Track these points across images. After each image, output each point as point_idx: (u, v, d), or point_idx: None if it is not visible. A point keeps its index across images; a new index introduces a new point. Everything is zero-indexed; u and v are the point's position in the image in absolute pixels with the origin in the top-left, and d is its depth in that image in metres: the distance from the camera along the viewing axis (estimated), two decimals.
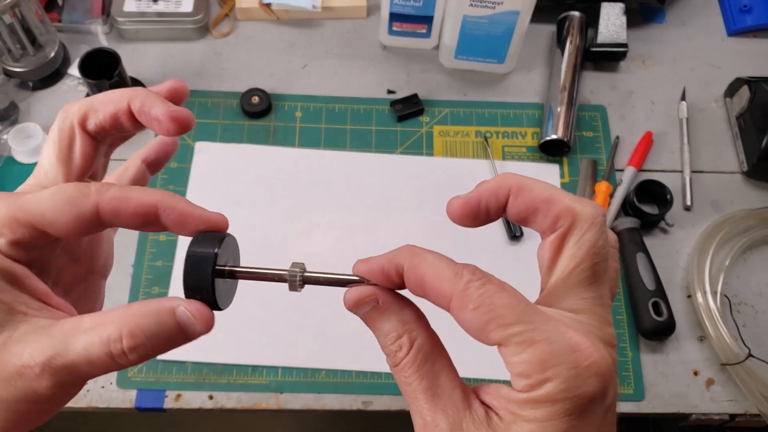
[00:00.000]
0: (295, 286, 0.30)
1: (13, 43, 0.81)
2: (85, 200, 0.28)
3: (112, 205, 0.28)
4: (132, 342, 0.26)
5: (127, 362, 0.27)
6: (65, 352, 0.26)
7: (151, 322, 0.27)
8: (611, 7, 0.88)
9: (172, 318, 0.27)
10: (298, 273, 0.30)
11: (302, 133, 0.84)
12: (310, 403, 0.69)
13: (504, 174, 0.30)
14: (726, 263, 0.75)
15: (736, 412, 0.70)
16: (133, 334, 0.26)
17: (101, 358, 0.26)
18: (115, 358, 0.26)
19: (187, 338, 0.28)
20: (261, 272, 0.30)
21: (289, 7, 0.90)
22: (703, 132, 0.86)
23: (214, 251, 0.28)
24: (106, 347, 0.26)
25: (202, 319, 0.28)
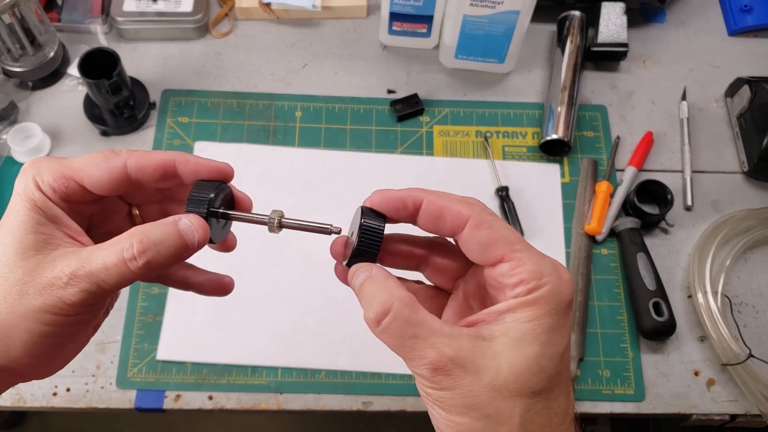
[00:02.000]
0: (273, 228, 0.36)
1: (13, 43, 0.80)
2: (116, 157, 0.35)
3: (138, 160, 0.35)
4: (140, 246, 0.32)
5: (137, 268, 0.32)
6: (88, 264, 0.32)
7: (158, 232, 0.33)
8: (611, 7, 0.88)
9: (174, 227, 0.33)
10: (276, 217, 0.36)
11: (302, 133, 0.84)
12: (309, 404, 0.69)
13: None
14: (727, 263, 0.75)
15: (737, 412, 0.70)
16: (141, 240, 0.32)
17: (116, 264, 0.32)
18: (127, 263, 0.32)
19: (187, 247, 0.34)
20: (246, 216, 0.37)
21: (289, 6, 0.89)
22: (703, 132, 0.86)
23: (210, 195, 0.35)
24: (120, 254, 0.32)
25: (200, 227, 0.34)
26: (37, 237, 0.33)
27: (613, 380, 0.71)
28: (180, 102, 0.85)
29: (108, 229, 0.39)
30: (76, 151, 0.81)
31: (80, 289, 0.32)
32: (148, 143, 0.82)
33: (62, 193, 0.34)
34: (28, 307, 0.32)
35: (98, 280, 0.32)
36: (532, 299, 0.31)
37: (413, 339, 0.31)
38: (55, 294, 0.32)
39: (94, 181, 0.35)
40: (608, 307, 0.75)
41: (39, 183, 0.34)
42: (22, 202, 0.34)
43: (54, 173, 0.34)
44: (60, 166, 0.34)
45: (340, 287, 0.38)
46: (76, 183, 0.34)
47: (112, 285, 0.33)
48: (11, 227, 0.33)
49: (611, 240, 0.78)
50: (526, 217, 0.78)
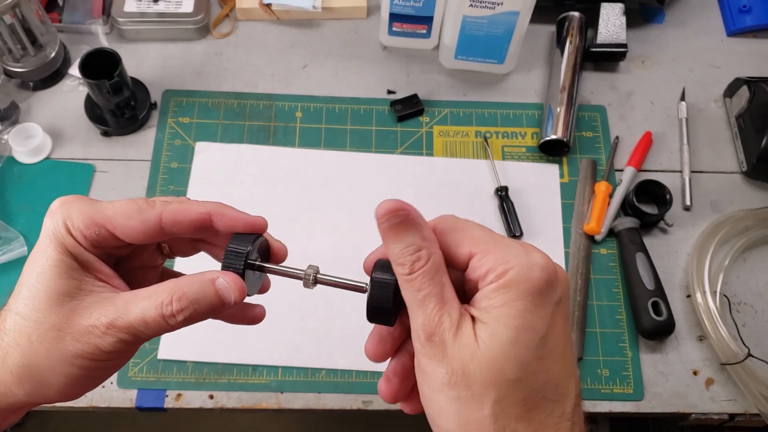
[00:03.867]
0: (308, 284, 0.36)
1: (14, 44, 0.81)
2: (151, 210, 0.35)
3: (174, 215, 0.35)
4: (179, 305, 0.33)
5: (175, 323, 0.33)
6: (126, 315, 0.33)
7: (196, 290, 0.34)
8: (611, 8, 0.88)
9: (212, 286, 0.34)
10: (312, 273, 0.36)
11: (302, 133, 0.84)
12: (310, 403, 0.69)
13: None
14: (725, 263, 0.76)
15: (736, 411, 0.70)
16: (180, 298, 0.33)
17: (155, 319, 0.33)
18: (166, 319, 0.33)
19: (223, 304, 0.34)
20: (281, 269, 0.37)
21: (290, 7, 0.90)
22: (702, 132, 0.86)
23: (247, 248, 0.35)
24: (159, 309, 0.33)
25: (236, 287, 0.34)
26: (70, 282, 0.33)
27: (612, 379, 0.71)
28: (181, 102, 0.85)
29: (137, 264, 0.39)
30: (77, 152, 0.81)
31: (118, 339, 0.33)
32: (149, 143, 0.82)
33: (93, 240, 0.34)
34: (65, 353, 0.33)
35: (137, 332, 0.33)
36: (503, 284, 0.31)
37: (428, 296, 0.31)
38: (93, 342, 0.33)
39: (127, 233, 0.35)
40: (607, 306, 0.75)
41: (70, 227, 0.34)
42: (52, 245, 0.34)
43: (85, 219, 0.34)
44: (91, 211, 0.34)
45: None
46: (107, 231, 0.35)
47: (150, 336, 0.34)
48: (42, 270, 0.33)
49: (610, 240, 0.78)
50: (525, 217, 0.78)
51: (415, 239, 0.32)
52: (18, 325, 0.33)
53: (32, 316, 0.33)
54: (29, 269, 0.34)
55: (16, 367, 0.33)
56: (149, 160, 0.81)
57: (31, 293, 0.33)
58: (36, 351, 0.33)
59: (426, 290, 0.31)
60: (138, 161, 0.81)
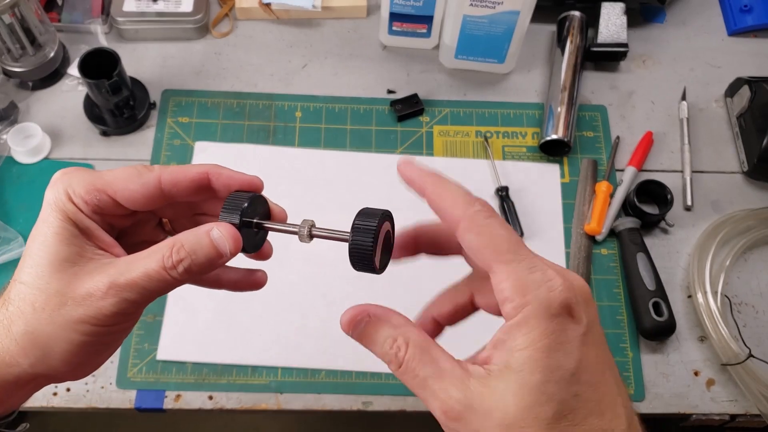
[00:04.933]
0: (303, 238, 0.37)
1: (13, 43, 0.80)
2: (149, 173, 0.35)
3: (172, 176, 0.35)
4: (178, 256, 0.33)
5: (177, 275, 0.33)
6: (128, 273, 0.33)
7: (192, 240, 0.34)
8: (611, 7, 0.88)
9: (207, 237, 0.34)
10: (306, 226, 0.37)
11: (302, 133, 0.84)
12: (310, 404, 0.69)
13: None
14: (726, 263, 0.75)
15: (737, 412, 0.70)
16: (179, 250, 0.33)
17: (157, 271, 0.33)
18: (167, 271, 0.33)
19: (220, 255, 0.34)
20: (277, 226, 0.38)
21: (289, 6, 0.89)
22: (703, 132, 0.86)
23: (244, 203, 0.35)
24: (160, 262, 0.33)
25: (231, 238, 0.34)
26: (72, 249, 0.33)
27: None
28: (180, 102, 0.85)
29: (138, 240, 0.39)
30: (76, 151, 0.81)
31: (120, 299, 0.33)
32: (148, 143, 0.82)
33: (94, 206, 0.35)
34: (68, 318, 0.32)
35: (139, 288, 0.33)
36: (522, 320, 0.29)
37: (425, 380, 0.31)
38: (95, 305, 0.33)
39: (127, 197, 0.35)
40: (608, 307, 0.75)
41: (71, 194, 0.34)
42: (54, 213, 0.34)
43: (86, 185, 0.34)
44: (91, 178, 0.35)
45: (341, 287, 0.38)
46: (108, 197, 0.35)
47: (153, 292, 0.33)
48: (44, 238, 0.34)
49: (611, 240, 0.78)
50: (526, 217, 0.78)
51: (386, 332, 0.32)
52: (22, 294, 0.33)
53: (35, 283, 0.33)
54: (32, 239, 0.34)
55: (20, 335, 0.33)
56: (148, 160, 0.81)
57: (34, 261, 0.33)
58: (39, 318, 0.33)
59: (421, 374, 0.31)
60: (137, 161, 0.81)
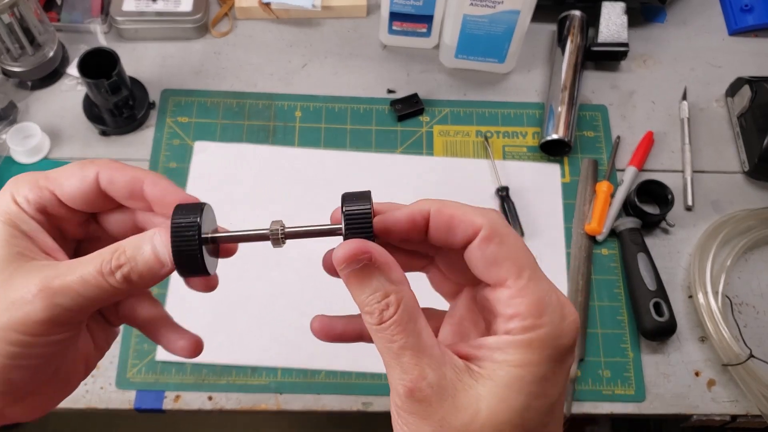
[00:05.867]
0: (278, 242, 0.32)
1: (12, 43, 0.80)
2: (90, 167, 0.33)
3: (110, 172, 0.33)
4: (117, 261, 0.31)
5: (115, 282, 0.31)
6: (63, 275, 0.30)
7: (134, 245, 0.31)
8: (612, 7, 0.88)
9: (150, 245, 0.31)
10: (279, 229, 0.32)
11: (302, 132, 0.84)
12: (309, 404, 0.69)
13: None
14: (727, 263, 0.75)
15: (738, 412, 0.70)
16: (118, 255, 0.31)
17: (94, 276, 0.30)
18: (105, 276, 0.30)
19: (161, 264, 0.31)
20: (243, 234, 0.32)
21: (289, 6, 0.89)
22: (704, 132, 0.86)
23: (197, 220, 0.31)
24: (98, 267, 0.30)
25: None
26: (10, 250, 0.31)
27: (614, 380, 0.71)
28: (179, 102, 0.85)
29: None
30: (76, 151, 0.81)
31: (50, 303, 0.30)
32: (148, 143, 0.82)
33: (37, 204, 0.33)
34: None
35: (74, 294, 0.30)
36: (526, 340, 0.28)
37: (402, 348, 0.28)
38: (22, 309, 0.29)
39: (67, 192, 0.33)
40: (609, 307, 0.75)
41: (14, 196, 0.33)
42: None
43: (29, 184, 0.33)
44: (36, 176, 0.34)
45: (340, 287, 0.38)
46: (50, 193, 0.33)
47: (89, 300, 0.30)
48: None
49: (612, 240, 0.78)
50: (526, 217, 0.78)
51: (381, 284, 0.29)
52: None
53: None
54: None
55: None
56: (148, 160, 0.81)
57: None
58: None
59: (399, 341, 0.28)
60: (136, 161, 0.81)
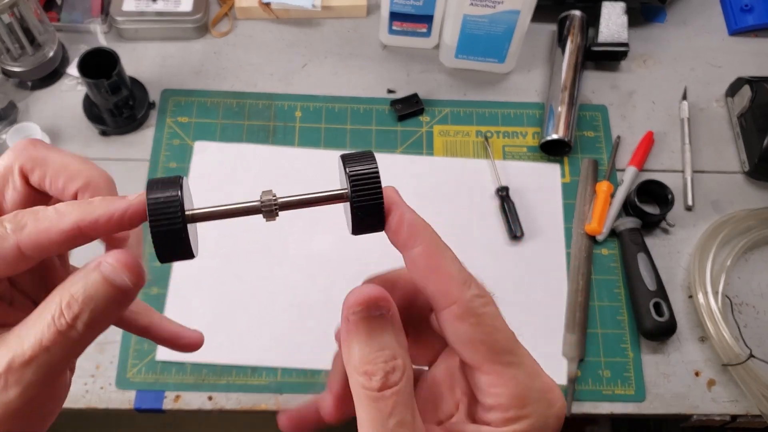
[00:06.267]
0: (272, 215, 0.28)
1: (12, 43, 0.80)
2: (4, 243, 0.26)
3: (33, 241, 0.26)
4: (71, 312, 0.26)
5: (78, 335, 0.26)
6: (22, 351, 0.25)
7: (81, 286, 0.26)
8: (612, 7, 0.88)
9: (98, 275, 0.26)
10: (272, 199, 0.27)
11: (302, 132, 0.84)
12: None
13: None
14: (727, 263, 0.75)
15: (738, 412, 0.70)
16: (69, 304, 0.26)
17: (54, 339, 0.25)
18: (65, 335, 0.26)
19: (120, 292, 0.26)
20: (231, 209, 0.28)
21: (289, 6, 0.89)
22: (704, 132, 0.86)
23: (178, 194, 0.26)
24: (52, 327, 0.25)
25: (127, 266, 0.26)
26: None
27: (614, 380, 0.71)
28: (179, 102, 0.85)
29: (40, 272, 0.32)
30: (76, 151, 0.80)
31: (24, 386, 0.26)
32: (148, 143, 0.82)
33: None
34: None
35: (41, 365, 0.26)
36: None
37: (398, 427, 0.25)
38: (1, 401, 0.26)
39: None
40: (609, 307, 0.75)
41: None
42: None
43: None
44: None
45: (341, 287, 0.37)
46: None
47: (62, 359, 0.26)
48: None
49: (612, 240, 0.78)
50: (526, 218, 0.78)
51: (391, 343, 0.25)
52: None
53: None
54: None
55: None
56: (148, 160, 0.81)
57: None
58: None
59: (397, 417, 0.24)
60: (136, 161, 0.81)
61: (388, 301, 0.26)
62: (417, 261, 0.27)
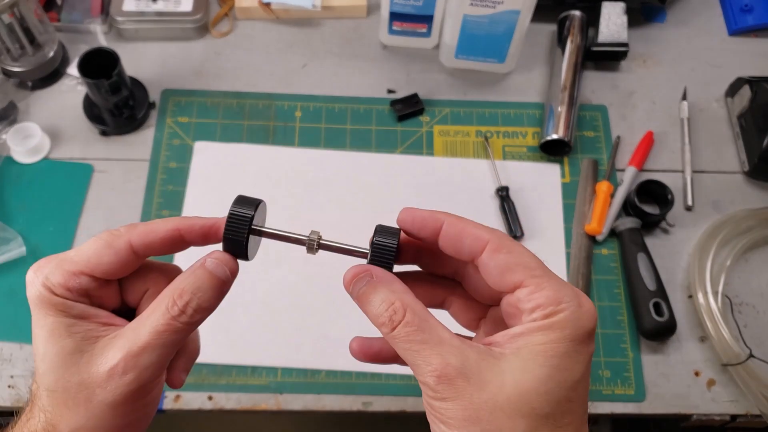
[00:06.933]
0: (312, 249, 0.36)
1: (12, 43, 0.80)
2: (118, 239, 0.34)
3: (141, 237, 0.35)
4: (182, 300, 0.33)
5: (188, 320, 0.33)
6: (138, 339, 0.32)
7: (190, 280, 0.34)
8: (612, 7, 0.88)
9: (204, 270, 0.34)
10: (316, 239, 0.36)
11: (302, 132, 0.84)
12: (309, 404, 0.69)
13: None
14: (727, 263, 0.75)
15: (737, 412, 0.70)
16: (181, 294, 0.33)
17: (167, 324, 0.32)
18: (176, 320, 0.33)
19: (221, 282, 0.34)
20: (285, 234, 0.36)
21: (289, 6, 0.89)
22: (704, 132, 0.86)
23: (251, 213, 0.35)
24: (166, 314, 0.33)
25: (225, 262, 0.35)
26: (74, 339, 0.33)
27: (614, 380, 0.71)
28: (180, 102, 0.85)
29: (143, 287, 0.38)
30: (76, 151, 0.81)
31: (141, 368, 0.32)
32: (148, 143, 0.82)
33: (78, 290, 0.34)
34: (101, 406, 0.32)
35: (154, 348, 0.32)
36: (548, 324, 0.30)
37: (421, 344, 0.31)
38: (119, 383, 0.32)
39: (104, 270, 0.34)
40: (608, 307, 0.75)
41: (51, 287, 0.33)
42: (42, 311, 0.33)
43: (62, 274, 0.34)
44: (64, 264, 0.34)
45: (340, 288, 0.38)
46: (86, 276, 0.34)
47: (170, 346, 0.33)
48: (45, 340, 0.33)
49: (611, 240, 0.78)
50: (526, 217, 0.78)
51: (385, 295, 0.32)
52: (53, 399, 0.33)
53: (58, 385, 0.33)
54: (36, 343, 0.34)
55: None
56: (148, 160, 0.81)
57: (47, 365, 0.33)
58: (77, 416, 0.32)
59: (416, 338, 0.31)
60: (136, 161, 0.81)
61: (366, 271, 0.34)
62: (448, 231, 0.34)
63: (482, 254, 0.33)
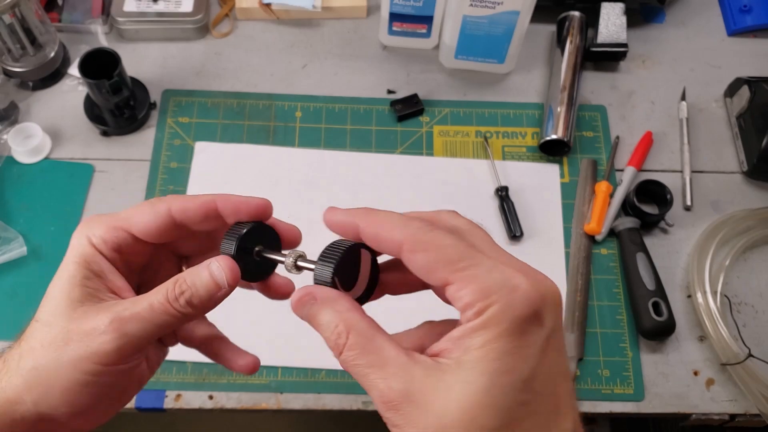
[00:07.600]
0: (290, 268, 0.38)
1: (13, 43, 0.80)
2: (160, 203, 0.37)
3: (181, 203, 0.37)
4: (179, 288, 0.34)
5: (180, 307, 0.34)
6: (132, 308, 0.34)
7: (192, 274, 0.35)
8: (611, 7, 0.88)
9: (206, 270, 0.35)
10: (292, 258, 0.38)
11: (302, 133, 0.84)
12: (310, 403, 0.69)
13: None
14: (726, 263, 0.75)
15: (736, 412, 0.70)
16: (180, 284, 0.35)
17: (162, 304, 0.34)
18: (170, 302, 0.34)
19: (218, 287, 0.35)
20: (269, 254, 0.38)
21: (289, 7, 0.90)
22: (703, 132, 0.86)
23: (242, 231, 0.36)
24: (164, 295, 0.34)
25: (227, 268, 0.35)
26: (84, 290, 0.35)
27: (613, 380, 0.71)
28: (180, 102, 0.85)
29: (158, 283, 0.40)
30: (77, 152, 0.81)
31: (121, 333, 0.33)
32: (149, 143, 0.82)
33: (113, 244, 0.36)
34: (71, 356, 0.33)
35: (141, 320, 0.34)
36: (481, 323, 0.28)
37: (367, 368, 0.29)
38: (96, 340, 0.33)
39: (142, 228, 0.37)
40: (608, 307, 0.75)
41: (90, 237, 0.36)
42: (72, 257, 0.36)
43: (105, 226, 0.36)
44: (109, 218, 0.37)
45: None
46: (125, 232, 0.37)
47: (156, 326, 0.34)
48: (60, 281, 0.35)
49: (611, 240, 0.78)
50: (525, 217, 0.78)
51: (328, 317, 0.32)
52: (35, 331, 0.34)
53: (47, 321, 0.34)
54: (52, 281, 0.36)
55: (27, 371, 0.34)
56: (148, 160, 0.81)
57: (50, 302, 0.35)
58: (45, 354, 0.33)
59: (361, 363, 0.30)
60: (137, 161, 0.81)
61: (307, 294, 0.34)
62: (365, 234, 0.33)
63: (401, 256, 0.31)
